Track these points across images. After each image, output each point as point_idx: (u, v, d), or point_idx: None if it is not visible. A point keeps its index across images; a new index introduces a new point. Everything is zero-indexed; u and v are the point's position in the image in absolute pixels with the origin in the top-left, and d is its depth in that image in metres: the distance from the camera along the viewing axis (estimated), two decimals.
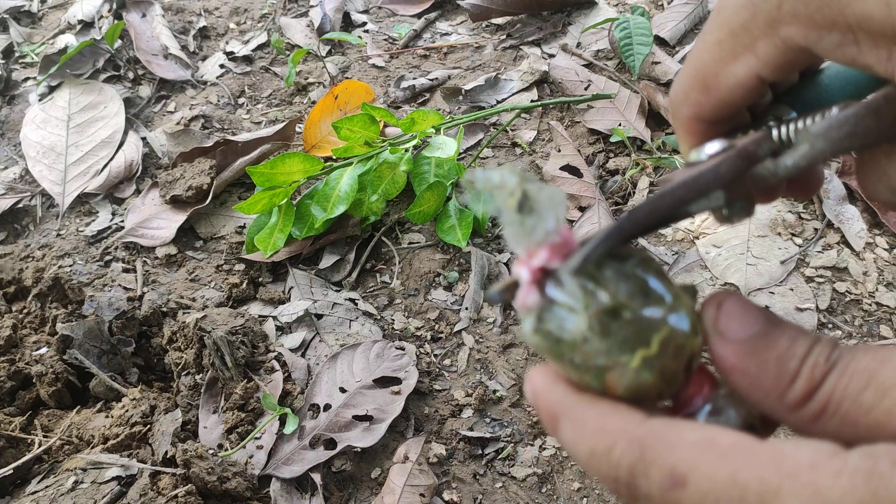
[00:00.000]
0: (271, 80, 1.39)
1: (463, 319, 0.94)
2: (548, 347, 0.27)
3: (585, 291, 0.26)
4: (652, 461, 0.24)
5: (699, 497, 0.23)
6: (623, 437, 0.25)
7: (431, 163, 1.05)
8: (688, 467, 0.23)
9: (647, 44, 1.19)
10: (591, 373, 0.26)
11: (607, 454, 0.25)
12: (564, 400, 0.27)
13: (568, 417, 0.27)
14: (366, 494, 0.78)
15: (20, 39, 1.50)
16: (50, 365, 0.86)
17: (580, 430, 0.26)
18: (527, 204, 0.26)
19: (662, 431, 0.24)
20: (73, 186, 1.16)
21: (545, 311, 0.27)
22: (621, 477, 0.25)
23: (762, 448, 0.23)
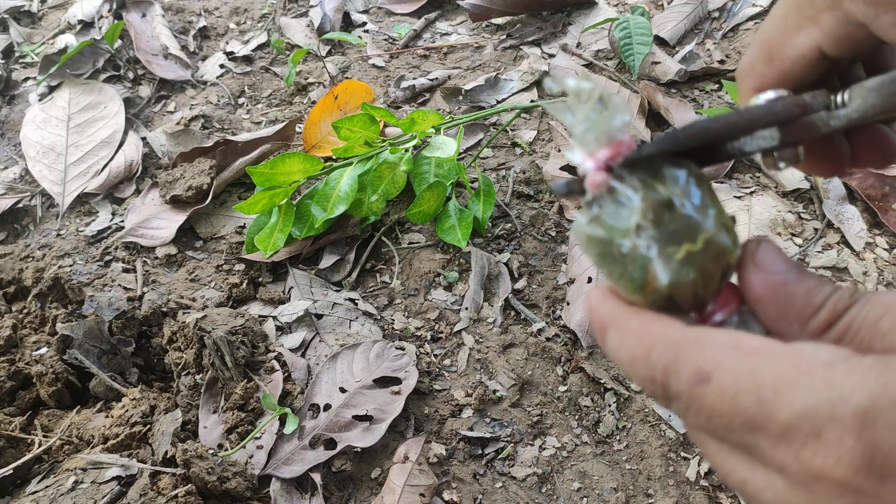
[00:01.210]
0: (271, 80, 1.39)
1: (463, 319, 0.94)
2: (600, 238, 0.29)
3: (644, 184, 0.29)
4: (683, 361, 0.26)
5: (720, 392, 0.25)
6: (661, 342, 0.27)
7: (431, 163, 1.05)
8: (713, 366, 0.25)
9: (647, 44, 1.19)
10: (636, 264, 0.28)
11: (646, 357, 0.27)
12: (613, 311, 0.29)
13: (615, 326, 0.29)
14: (366, 494, 0.78)
15: (20, 39, 1.50)
16: (50, 365, 0.86)
17: (624, 337, 0.28)
18: (602, 104, 0.29)
19: (695, 335, 0.27)
20: (73, 186, 1.16)
21: (603, 201, 0.29)
22: (657, 377, 0.27)
23: (783, 349, 0.25)
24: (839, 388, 0.23)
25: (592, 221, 0.30)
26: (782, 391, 0.24)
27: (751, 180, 1.07)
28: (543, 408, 0.85)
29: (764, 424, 0.24)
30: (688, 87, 1.24)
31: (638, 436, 0.82)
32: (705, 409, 0.26)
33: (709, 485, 0.77)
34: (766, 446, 0.25)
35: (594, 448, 0.82)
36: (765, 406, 0.24)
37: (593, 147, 0.30)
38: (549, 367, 0.89)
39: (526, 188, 1.10)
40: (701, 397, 0.25)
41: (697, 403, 0.26)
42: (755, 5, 1.35)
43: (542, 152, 1.16)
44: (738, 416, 0.25)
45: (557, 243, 1.03)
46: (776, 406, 0.24)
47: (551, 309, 0.95)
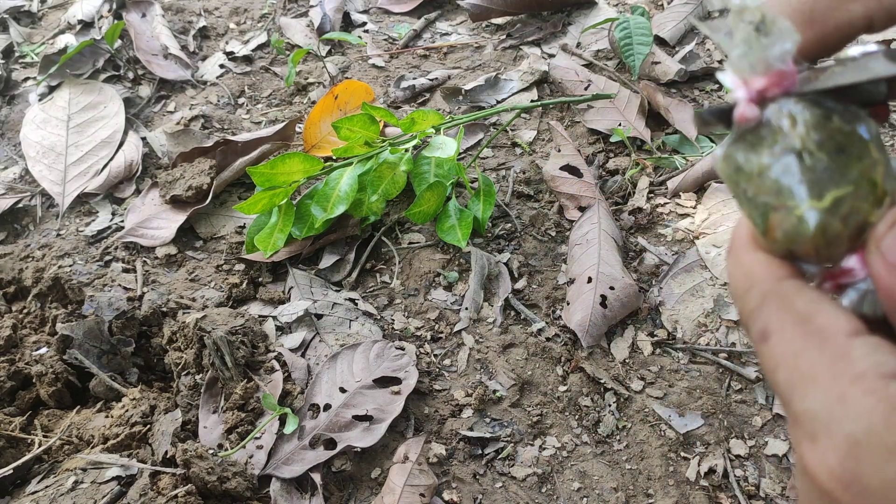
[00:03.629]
0: (271, 80, 1.39)
1: (463, 319, 0.94)
2: (730, 176, 0.28)
3: (790, 124, 0.27)
4: (762, 313, 0.27)
5: (768, 356, 0.27)
6: (757, 286, 0.28)
7: (431, 163, 1.05)
8: (775, 329, 0.26)
9: (647, 44, 1.19)
10: (758, 209, 0.27)
11: (743, 295, 0.29)
12: (739, 237, 0.30)
13: (733, 254, 0.30)
14: (366, 494, 0.78)
15: (20, 39, 1.50)
16: (50, 365, 0.86)
17: (734, 268, 0.30)
18: (764, 27, 0.27)
19: (785, 293, 0.27)
20: (72, 186, 1.16)
21: (747, 134, 0.28)
22: (743, 315, 0.29)
23: (841, 342, 0.25)
24: (848, 405, 0.23)
25: (728, 157, 0.28)
26: (805, 384, 0.24)
27: None
28: (543, 408, 0.85)
29: (786, 403, 0.26)
30: (688, 87, 1.24)
31: (638, 436, 0.82)
32: (761, 363, 0.27)
33: (709, 485, 0.77)
34: (789, 419, 0.26)
35: (594, 448, 0.82)
36: (789, 390, 0.25)
37: (748, 74, 0.27)
38: (549, 367, 0.89)
39: (526, 188, 1.10)
40: (759, 352, 0.27)
41: (758, 355, 0.28)
42: None
43: (542, 152, 1.16)
44: (775, 386, 0.26)
45: (557, 243, 1.03)
46: (795, 395, 0.25)
47: (551, 309, 0.95)
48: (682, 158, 1.11)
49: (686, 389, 0.85)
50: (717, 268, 0.95)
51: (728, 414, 0.83)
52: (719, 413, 0.83)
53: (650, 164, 1.10)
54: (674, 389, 0.85)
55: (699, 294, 0.93)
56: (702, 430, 0.82)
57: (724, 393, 0.84)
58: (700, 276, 0.95)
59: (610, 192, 1.09)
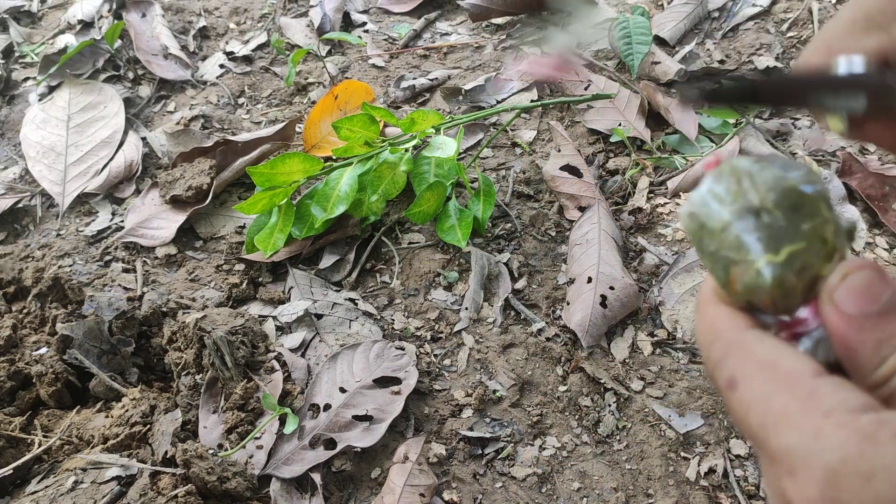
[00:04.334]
0: (271, 80, 1.39)
1: (463, 319, 0.94)
2: (693, 231, 0.30)
3: (739, 188, 0.29)
4: (726, 364, 0.29)
5: (738, 402, 0.28)
6: (721, 338, 0.29)
7: (431, 163, 1.05)
8: (742, 377, 0.28)
9: (647, 43, 1.19)
10: (720, 263, 0.29)
11: (708, 346, 0.30)
12: (705, 293, 0.32)
13: (699, 308, 0.32)
14: (366, 494, 0.78)
15: (20, 39, 1.50)
16: (50, 365, 0.86)
17: (700, 322, 0.31)
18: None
19: (747, 343, 0.29)
20: (72, 186, 1.16)
21: (704, 198, 0.30)
22: (710, 366, 0.30)
23: (808, 382, 0.26)
24: (823, 439, 0.24)
25: (692, 215, 0.30)
26: (779, 424, 0.26)
27: None
28: (543, 408, 0.85)
29: (761, 445, 0.27)
30: (687, 87, 1.24)
31: (638, 436, 0.82)
32: (731, 410, 0.29)
33: (709, 485, 0.77)
34: (764, 461, 0.28)
35: (594, 448, 0.82)
36: (763, 431, 0.26)
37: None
38: (549, 367, 0.89)
39: (526, 188, 1.10)
40: (728, 400, 0.28)
41: (727, 403, 0.29)
42: (755, 5, 1.35)
43: (542, 152, 1.16)
44: (748, 429, 0.27)
45: (557, 243, 1.03)
46: (771, 435, 0.26)
47: (551, 309, 0.95)
48: (682, 158, 1.11)
49: (686, 389, 0.85)
50: None
51: (728, 414, 0.83)
52: (719, 413, 0.83)
53: (650, 164, 1.10)
54: (674, 389, 0.85)
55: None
56: (702, 430, 0.82)
57: None
58: (700, 276, 0.95)
59: (610, 192, 1.09)
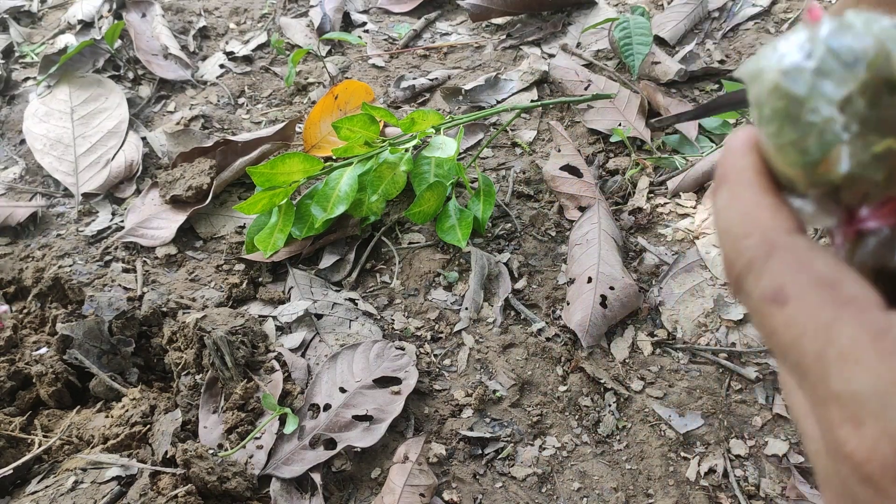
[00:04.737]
0: (271, 80, 1.39)
1: (463, 319, 0.94)
2: (791, 93, 0.25)
3: (880, 48, 0.24)
4: (770, 268, 0.24)
5: (788, 322, 0.23)
6: (762, 234, 0.24)
7: (431, 163, 1.05)
8: (797, 293, 0.23)
9: (647, 44, 1.19)
10: (820, 139, 0.24)
11: (739, 239, 0.25)
12: (743, 171, 0.26)
13: (732, 187, 0.26)
14: (366, 494, 0.78)
15: (20, 39, 1.50)
16: (50, 365, 0.86)
17: (733, 205, 0.26)
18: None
19: (800, 250, 0.24)
20: (86, 176, 1.17)
21: (817, 47, 0.25)
22: (737, 265, 0.25)
23: (876, 317, 0.22)
24: (868, 372, 0.21)
25: (794, 70, 0.25)
26: (846, 361, 0.22)
27: None
28: (543, 408, 0.85)
29: (815, 380, 0.22)
30: (688, 87, 1.24)
31: (638, 436, 0.82)
32: (767, 327, 0.24)
33: (709, 485, 0.77)
34: (810, 397, 0.23)
35: (594, 448, 0.82)
36: (823, 365, 0.22)
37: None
38: (549, 367, 0.89)
39: (526, 188, 1.10)
40: (768, 315, 0.24)
41: (763, 317, 0.24)
42: (755, 5, 1.35)
43: (542, 152, 1.16)
44: (795, 356, 0.23)
45: (557, 243, 1.03)
46: (833, 372, 0.22)
47: (551, 309, 0.95)
48: (682, 158, 1.11)
49: (686, 389, 0.85)
50: (718, 268, 0.95)
51: (728, 414, 0.83)
52: (719, 413, 0.83)
53: (650, 164, 1.10)
54: (674, 389, 0.85)
55: (699, 294, 0.93)
56: (702, 430, 0.82)
57: (724, 393, 0.84)
58: (700, 276, 0.95)
59: (610, 192, 1.09)
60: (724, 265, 0.26)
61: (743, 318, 0.90)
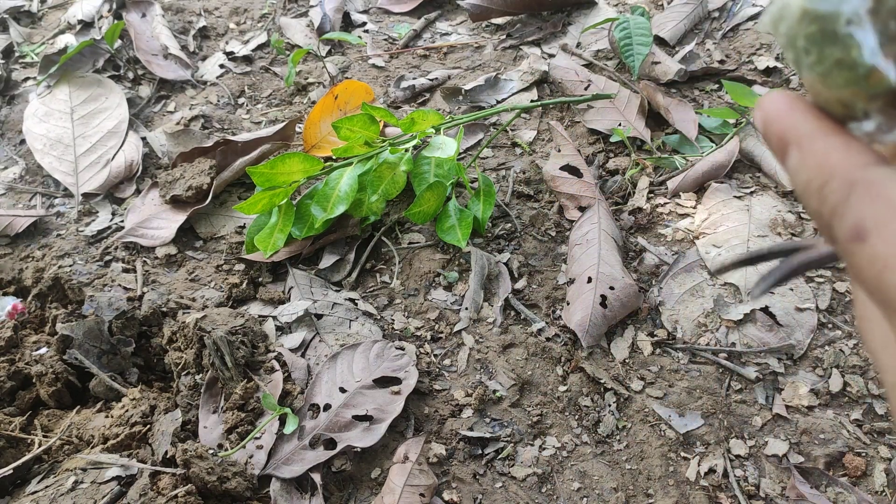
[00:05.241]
0: (271, 80, 1.39)
1: (463, 319, 0.94)
2: (821, 13, 0.24)
3: None
4: (851, 206, 0.23)
5: (870, 258, 0.23)
6: (840, 176, 0.24)
7: (431, 163, 1.05)
8: (874, 225, 0.22)
9: (647, 44, 1.19)
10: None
11: (820, 189, 0.24)
12: (800, 126, 0.26)
13: (798, 145, 0.26)
14: (366, 494, 0.78)
15: (20, 39, 1.50)
16: (50, 365, 0.86)
17: (805, 161, 0.25)
18: None
19: (876, 181, 0.23)
20: (86, 176, 1.18)
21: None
22: (824, 214, 0.24)
23: None
24: None
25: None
26: None
27: (751, 180, 1.07)
28: (543, 408, 0.85)
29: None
30: (688, 87, 1.24)
31: (638, 436, 0.82)
32: (854, 267, 0.24)
33: (709, 485, 0.77)
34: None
35: (594, 448, 0.82)
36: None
37: None
38: (549, 367, 0.89)
39: (526, 188, 1.10)
40: (853, 254, 0.23)
41: (849, 258, 0.24)
42: (755, 5, 1.35)
43: (542, 152, 1.16)
44: (880, 292, 0.22)
45: (557, 243, 1.03)
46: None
47: (551, 309, 0.95)
48: (681, 158, 1.11)
49: (686, 389, 0.85)
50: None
51: (728, 414, 0.83)
52: (719, 413, 0.83)
53: (650, 164, 1.10)
54: (674, 389, 0.85)
55: (699, 294, 0.93)
56: (702, 430, 0.82)
57: (724, 393, 0.84)
58: (700, 276, 0.95)
59: (610, 192, 1.09)
60: (813, 220, 0.25)
61: (743, 318, 0.90)
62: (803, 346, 0.87)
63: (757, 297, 0.28)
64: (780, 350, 0.87)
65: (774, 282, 0.28)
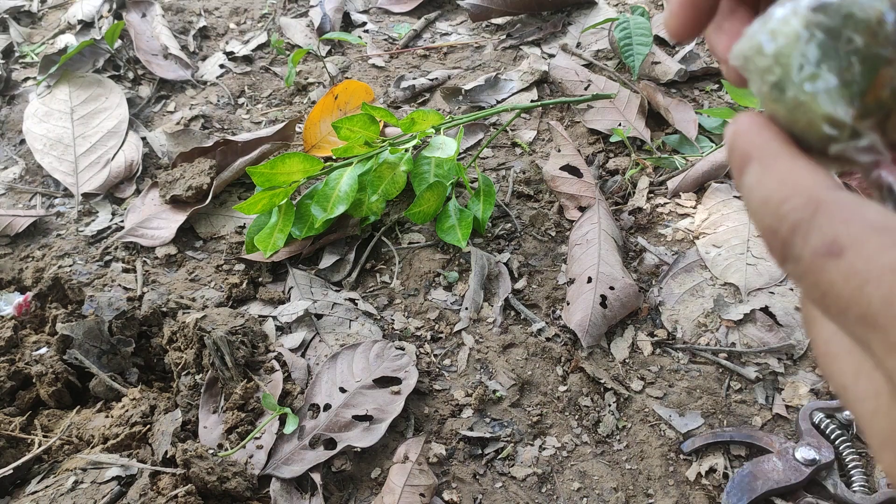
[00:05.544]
0: (271, 80, 1.39)
1: (463, 319, 0.94)
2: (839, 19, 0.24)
3: None
4: (818, 225, 0.23)
5: (847, 273, 0.22)
6: (803, 194, 0.24)
7: (431, 163, 1.05)
8: (851, 242, 0.22)
9: (647, 44, 1.19)
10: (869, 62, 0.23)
11: (779, 205, 0.24)
12: (767, 144, 0.25)
13: (761, 161, 0.25)
14: (366, 494, 0.78)
15: (20, 39, 1.50)
16: (50, 365, 0.86)
17: (766, 176, 0.25)
18: None
19: (845, 203, 0.23)
20: (85, 177, 1.17)
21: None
22: (781, 232, 0.24)
23: None
24: None
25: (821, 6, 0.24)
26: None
27: None
28: (543, 408, 0.85)
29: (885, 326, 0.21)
30: (688, 87, 1.24)
31: (638, 436, 0.82)
32: (823, 284, 0.23)
33: (709, 485, 0.77)
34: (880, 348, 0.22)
35: (594, 448, 0.82)
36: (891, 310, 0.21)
37: None
38: (549, 367, 0.89)
39: (526, 188, 1.10)
40: (823, 271, 0.22)
41: (817, 275, 0.23)
42: None
43: (542, 152, 1.16)
44: (859, 307, 0.22)
45: (557, 243, 1.03)
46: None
47: (551, 309, 0.95)
48: (681, 158, 1.11)
49: (686, 389, 0.85)
50: (718, 268, 0.95)
51: (728, 414, 0.83)
52: (719, 413, 0.83)
53: (650, 164, 1.10)
54: (674, 389, 0.85)
55: (699, 294, 0.93)
56: (702, 430, 0.82)
57: (724, 393, 0.84)
58: (700, 276, 0.95)
59: (610, 192, 1.09)
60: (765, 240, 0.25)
61: (743, 318, 0.90)
62: (803, 346, 0.87)
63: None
64: (780, 350, 0.87)
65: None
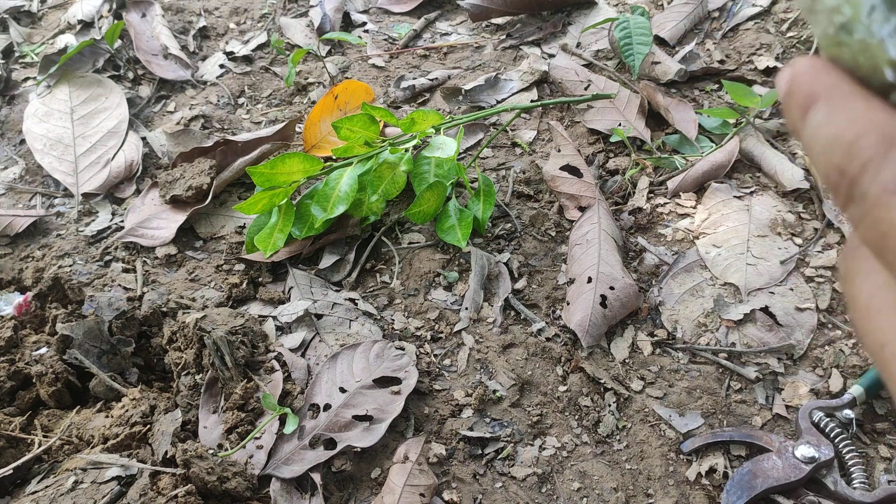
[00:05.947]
0: (271, 80, 1.39)
1: (463, 319, 0.94)
2: None
3: None
4: (891, 160, 0.22)
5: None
6: (879, 131, 0.22)
7: (431, 163, 1.05)
8: None
9: (647, 43, 1.19)
10: None
11: (851, 143, 0.23)
12: (836, 84, 0.24)
13: (830, 100, 0.24)
14: (366, 494, 0.78)
15: (20, 39, 1.50)
16: (50, 365, 0.86)
17: (836, 114, 0.24)
18: None
19: None
20: (85, 177, 1.17)
21: None
22: (849, 169, 0.23)
23: None
24: None
25: None
26: None
27: (751, 180, 1.07)
28: (543, 408, 0.85)
29: None
30: (688, 87, 1.24)
31: (638, 436, 0.82)
32: (885, 223, 0.22)
33: (709, 485, 0.77)
34: None
35: (594, 448, 0.82)
36: None
37: None
38: (549, 367, 0.89)
39: (526, 188, 1.10)
40: (889, 208, 0.22)
41: (882, 212, 0.22)
42: (755, 5, 1.35)
43: (542, 152, 1.16)
44: None
45: (557, 243, 1.03)
46: None
47: (551, 309, 0.95)
48: (681, 158, 1.11)
49: (686, 389, 0.85)
50: (718, 268, 0.95)
51: (728, 414, 0.83)
52: (719, 413, 0.83)
53: (650, 164, 1.10)
54: (674, 389, 0.85)
55: (699, 294, 0.93)
56: (702, 430, 0.82)
57: (724, 393, 0.84)
58: (700, 276, 0.95)
59: (610, 192, 1.09)
60: (829, 182, 0.24)
61: (743, 317, 0.90)
62: (803, 346, 0.87)
63: None
64: (780, 350, 0.87)
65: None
